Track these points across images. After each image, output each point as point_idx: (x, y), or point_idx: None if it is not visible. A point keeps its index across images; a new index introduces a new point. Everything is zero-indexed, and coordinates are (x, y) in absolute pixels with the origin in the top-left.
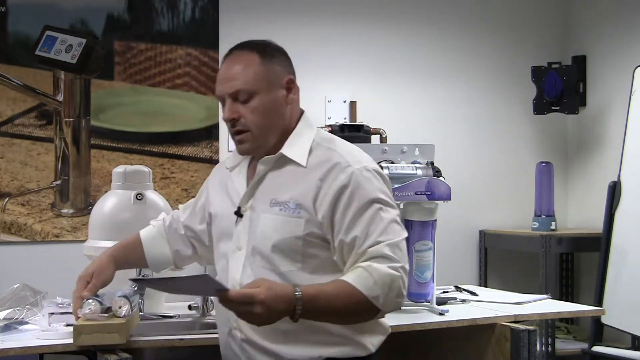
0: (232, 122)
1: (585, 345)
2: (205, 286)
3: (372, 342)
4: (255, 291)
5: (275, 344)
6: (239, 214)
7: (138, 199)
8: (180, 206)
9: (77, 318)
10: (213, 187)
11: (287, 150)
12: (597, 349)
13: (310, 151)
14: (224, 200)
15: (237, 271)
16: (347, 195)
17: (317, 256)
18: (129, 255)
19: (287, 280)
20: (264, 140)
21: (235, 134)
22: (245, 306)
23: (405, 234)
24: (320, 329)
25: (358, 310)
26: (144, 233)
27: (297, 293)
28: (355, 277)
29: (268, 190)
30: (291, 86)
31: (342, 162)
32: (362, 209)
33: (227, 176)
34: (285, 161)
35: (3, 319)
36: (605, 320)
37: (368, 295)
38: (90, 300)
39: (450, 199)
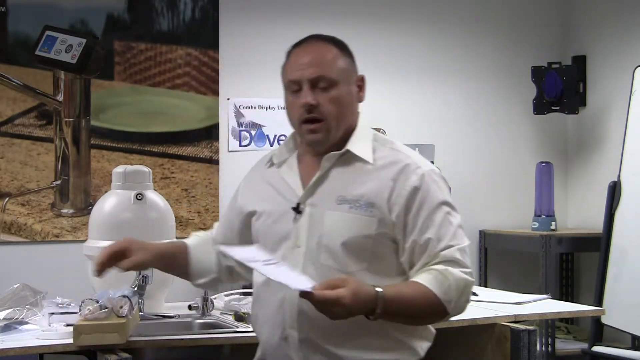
0: (309, 109)
1: (585, 345)
2: (293, 280)
3: (422, 347)
4: (340, 294)
5: (337, 347)
6: (297, 210)
7: (138, 199)
8: (214, 224)
9: (99, 272)
10: (252, 187)
11: (352, 147)
12: (597, 349)
13: (374, 150)
14: (272, 197)
15: (296, 269)
16: (419, 197)
17: (384, 257)
18: (175, 255)
19: None
20: (335, 133)
21: (308, 121)
22: (327, 306)
23: (469, 241)
24: (380, 333)
25: (430, 312)
26: (188, 239)
27: (379, 295)
28: (432, 279)
29: (333, 187)
30: (362, 84)
31: (412, 164)
32: (433, 212)
33: (271, 173)
34: (351, 158)
35: (3, 319)
36: (605, 320)
37: (442, 298)
38: (87, 302)
39: None
